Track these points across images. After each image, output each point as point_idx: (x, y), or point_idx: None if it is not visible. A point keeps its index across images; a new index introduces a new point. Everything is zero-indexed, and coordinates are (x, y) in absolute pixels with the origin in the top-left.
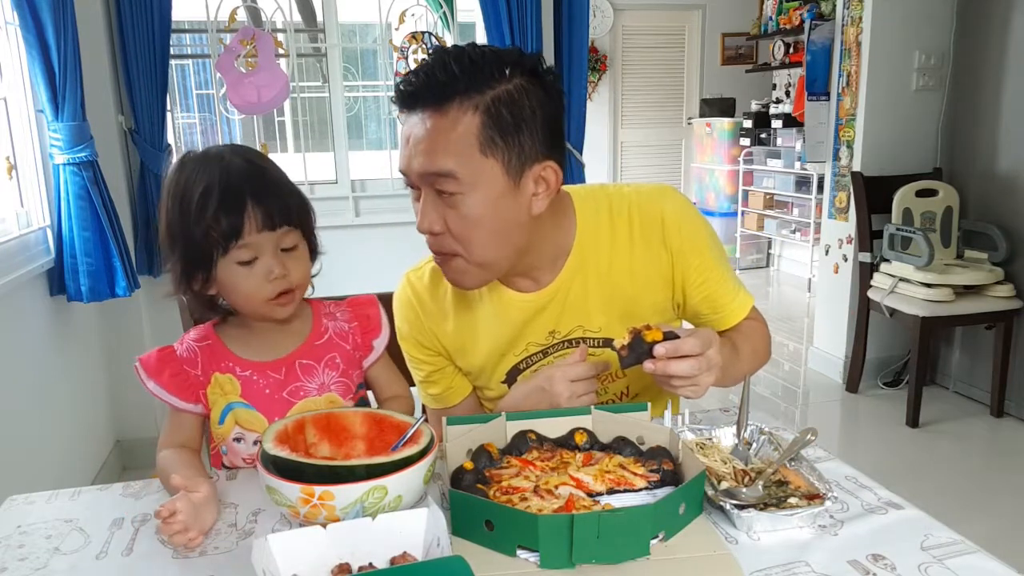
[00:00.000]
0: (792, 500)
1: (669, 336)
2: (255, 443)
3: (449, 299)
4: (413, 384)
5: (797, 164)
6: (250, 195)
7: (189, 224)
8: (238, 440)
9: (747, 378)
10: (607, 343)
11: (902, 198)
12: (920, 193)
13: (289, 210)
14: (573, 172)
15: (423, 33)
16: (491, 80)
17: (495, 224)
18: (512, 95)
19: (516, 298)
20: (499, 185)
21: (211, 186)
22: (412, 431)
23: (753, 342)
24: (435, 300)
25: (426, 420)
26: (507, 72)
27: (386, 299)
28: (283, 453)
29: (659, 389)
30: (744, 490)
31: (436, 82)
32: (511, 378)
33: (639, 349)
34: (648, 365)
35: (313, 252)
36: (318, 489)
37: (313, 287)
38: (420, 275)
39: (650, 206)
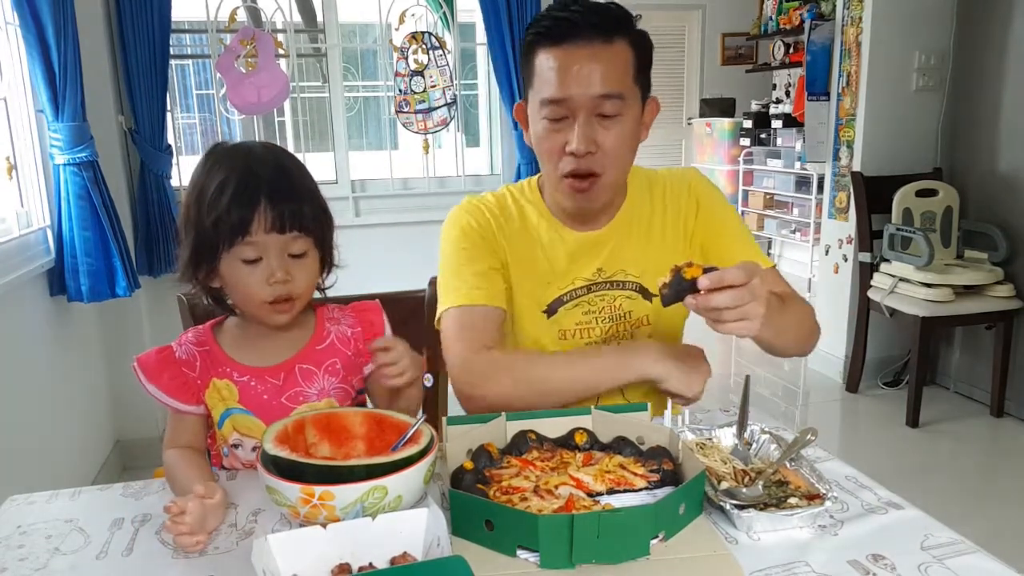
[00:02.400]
0: (792, 500)
1: (710, 271)
2: (253, 449)
3: (511, 225)
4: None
5: (797, 164)
6: (265, 193)
7: (201, 212)
8: (236, 446)
9: (747, 378)
10: (641, 289)
11: (902, 198)
12: (920, 193)
13: (303, 216)
14: None
15: (423, 33)
16: (632, 25)
17: (633, 144)
18: (642, 39)
19: (571, 234)
20: (638, 110)
21: (228, 178)
22: (412, 431)
23: (798, 307)
24: (496, 219)
25: (426, 420)
26: (635, 23)
27: (386, 300)
28: (283, 453)
29: (678, 337)
30: (744, 490)
31: (603, 18)
32: (552, 309)
33: (679, 286)
34: (689, 300)
35: (326, 263)
36: (318, 489)
37: (324, 294)
38: (483, 198)
39: (680, 178)
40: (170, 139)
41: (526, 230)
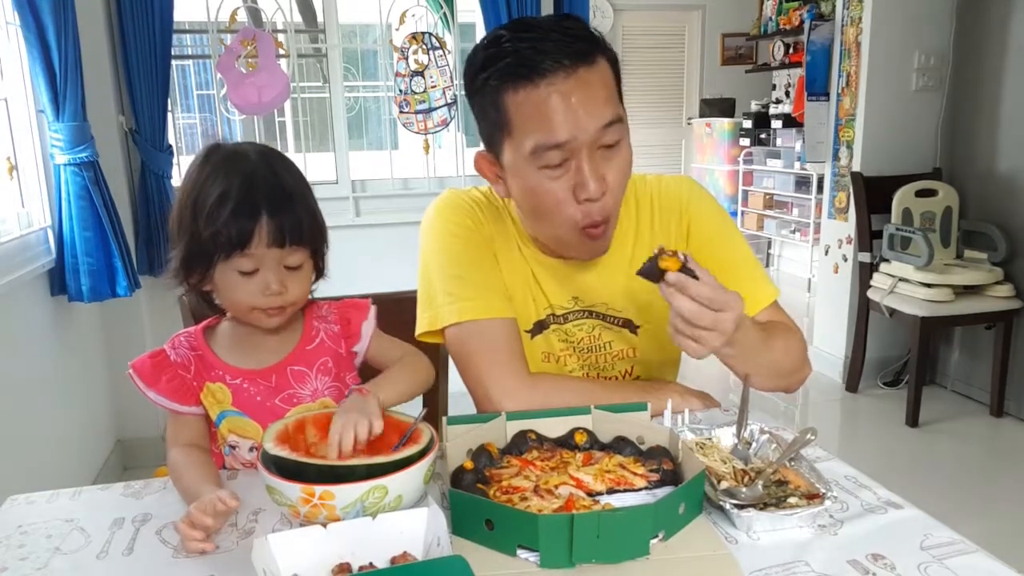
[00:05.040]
0: (792, 500)
1: (686, 270)
2: (251, 450)
3: (502, 230)
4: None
5: (797, 164)
6: (266, 209)
7: (199, 223)
8: (233, 447)
9: (747, 377)
10: (627, 323)
11: (902, 198)
12: (920, 193)
13: (301, 229)
14: None
15: (423, 33)
16: (602, 36)
17: (630, 170)
18: (612, 50)
19: (544, 259)
20: (627, 132)
21: (229, 190)
22: (411, 431)
23: (787, 341)
24: (489, 222)
25: (426, 420)
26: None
27: (386, 300)
28: (284, 453)
29: (663, 369)
30: (744, 490)
31: (578, 38)
32: (537, 330)
33: (652, 271)
34: (663, 286)
35: (319, 271)
36: (318, 489)
37: (313, 294)
38: (470, 194)
39: (670, 193)
40: (171, 139)
41: (506, 242)
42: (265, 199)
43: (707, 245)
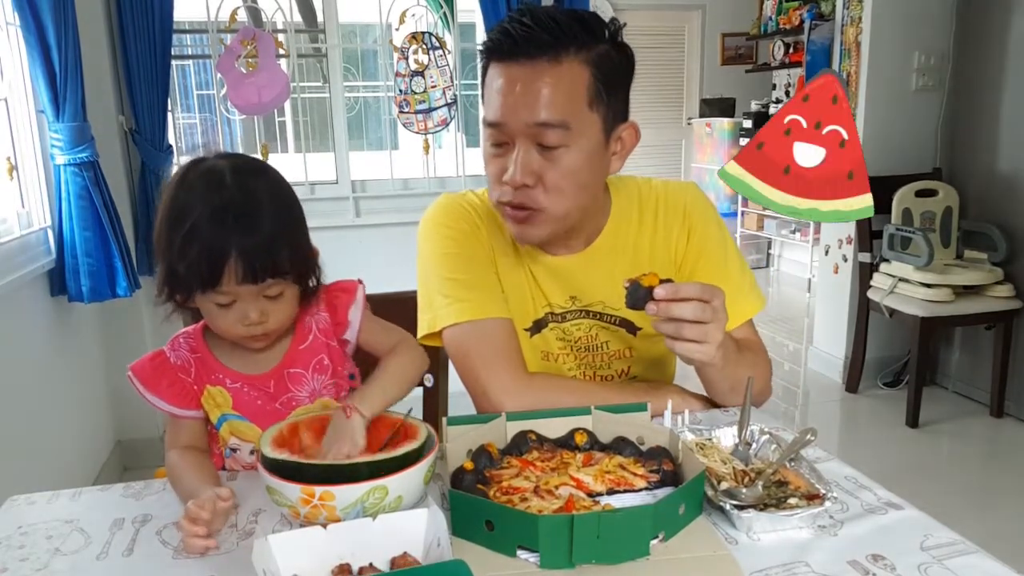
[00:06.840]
0: (792, 500)
1: (666, 282)
2: (251, 453)
3: (495, 229)
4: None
5: None
6: (235, 248)
7: (172, 249)
8: (235, 450)
9: (749, 379)
10: (624, 323)
11: (902, 198)
12: (920, 193)
13: (277, 264)
14: None
15: (423, 33)
16: (596, 37)
17: (585, 179)
18: (611, 54)
19: (541, 256)
20: (597, 140)
21: (199, 225)
22: (399, 426)
23: (755, 355)
24: (484, 224)
25: (425, 420)
26: (605, 34)
27: (387, 300)
28: (283, 456)
29: (660, 368)
30: (744, 490)
31: (552, 32)
32: (535, 329)
33: (636, 292)
34: (650, 307)
35: (309, 287)
36: (318, 489)
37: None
38: (466, 197)
39: (676, 197)
40: (171, 139)
41: (503, 241)
42: (235, 236)
43: (703, 252)
